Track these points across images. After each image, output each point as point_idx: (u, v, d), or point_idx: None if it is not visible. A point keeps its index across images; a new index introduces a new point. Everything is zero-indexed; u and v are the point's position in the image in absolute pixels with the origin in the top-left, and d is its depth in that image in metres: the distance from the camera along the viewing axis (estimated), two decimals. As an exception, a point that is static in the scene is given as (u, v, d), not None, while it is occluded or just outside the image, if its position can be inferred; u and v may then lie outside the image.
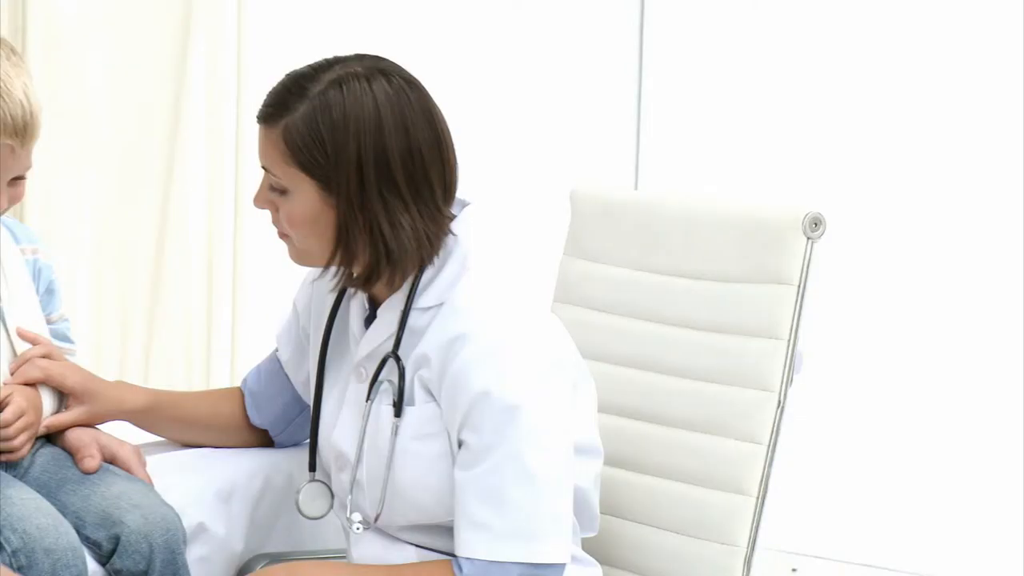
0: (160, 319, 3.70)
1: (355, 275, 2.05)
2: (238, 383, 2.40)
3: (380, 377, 2.08)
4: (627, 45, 4.17)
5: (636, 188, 4.21)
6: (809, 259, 2.25)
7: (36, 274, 2.23)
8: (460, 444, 2.02)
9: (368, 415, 2.09)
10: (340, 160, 1.97)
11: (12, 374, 2.16)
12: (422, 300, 2.05)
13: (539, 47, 4.12)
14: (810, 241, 2.25)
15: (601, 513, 2.24)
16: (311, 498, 2.22)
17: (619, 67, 4.19)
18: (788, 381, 2.25)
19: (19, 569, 1.95)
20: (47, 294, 2.25)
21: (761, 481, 2.24)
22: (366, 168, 1.97)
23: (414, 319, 2.06)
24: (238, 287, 3.71)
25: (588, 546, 2.22)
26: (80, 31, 3.55)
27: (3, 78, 2.01)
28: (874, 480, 3.88)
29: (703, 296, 2.33)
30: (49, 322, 2.26)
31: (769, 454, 2.24)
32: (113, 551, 2.10)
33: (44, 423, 2.18)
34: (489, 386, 1.97)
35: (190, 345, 3.71)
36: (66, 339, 2.29)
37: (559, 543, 2.00)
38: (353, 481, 2.12)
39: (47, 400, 2.18)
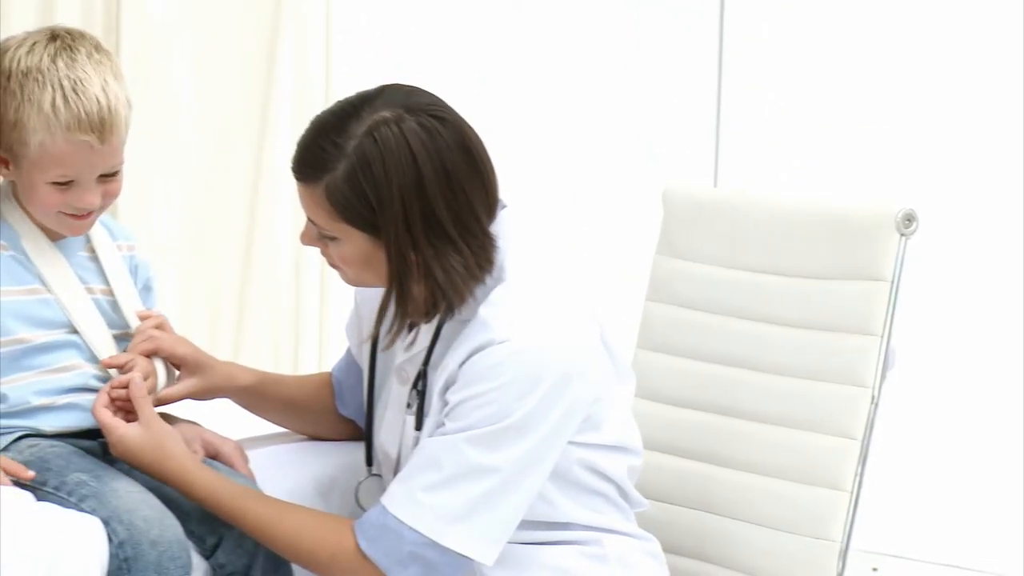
0: (248, 317, 3.73)
1: (413, 309, 2.05)
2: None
3: (416, 387, 2.12)
4: (707, 43, 4.18)
5: (715, 186, 4.21)
6: (903, 256, 2.26)
7: (133, 271, 2.26)
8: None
9: (404, 422, 2.14)
10: (386, 215, 1.98)
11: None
12: (459, 313, 2.06)
13: (620, 47, 4.13)
14: (903, 238, 2.26)
15: (696, 509, 2.27)
16: (370, 493, 2.24)
17: (699, 65, 4.19)
18: (882, 377, 2.27)
19: (125, 560, 1.97)
20: (144, 291, 2.28)
21: (855, 476, 2.26)
22: (412, 220, 1.98)
23: (448, 330, 2.08)
24: (326, 286, 3.74)
25: (687, 543, 2.24)
26: (169, 32, 3.59)
27: (80, 76, 2.04)
28: (961, 479, 3.86)
29: (796, 293, 2.35)
30: None
31: (863, 449, 2.26)
32: (217, 546, 2.12)
33: (157, 395, 2.19)
34: (483, 393, 1.99)
35: (278, 342, 3.74)
36: None
37: (472, 539, 2.01)
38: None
39: (160, 372, 2.21)
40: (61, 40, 2.07)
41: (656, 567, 2.18)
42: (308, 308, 3.72)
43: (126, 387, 2.11)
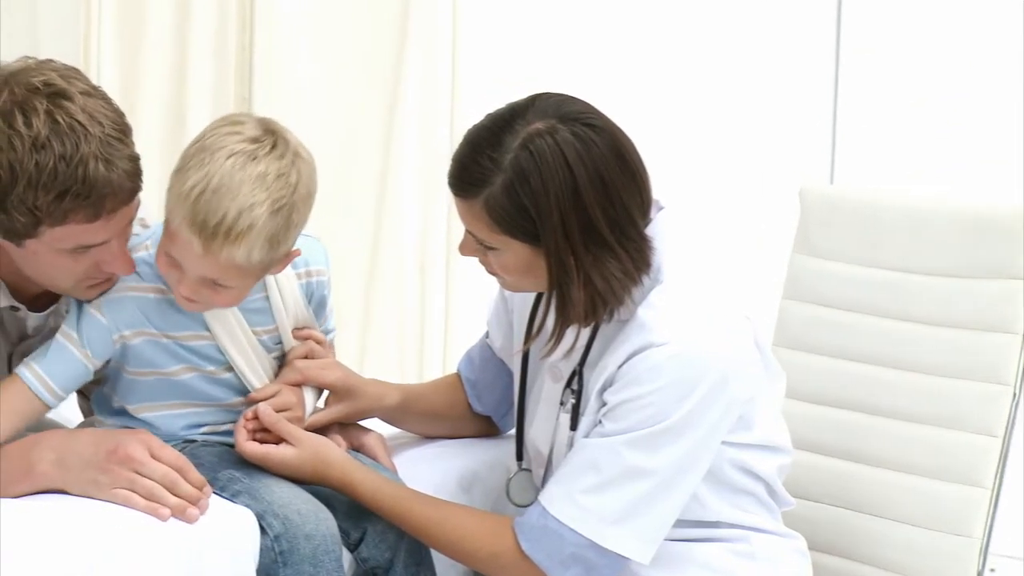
0: (373, 318, 3.76)
1: (573, 315, 2.06)
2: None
3: (570, 386, 2.14)
4: (823, 42, 4.16)
5: (831, 183, 4.19)
6: (1043, 254, 2.27)
7: (309, 296, 2.24)
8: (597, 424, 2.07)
9: (557, 420, 2.16)
10: (545, 225, 2.00)
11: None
12: (617, 314, 2.08)
13: (738, 45, 4.13)
14: (1043, 237, 2.28)
15: (835, 506, 2.30)
16: (521, 488, 2.27)
17: (815, 62, 4.18)
18: (1023, 375, 2.27)
19: (280, 554, 2.00)
20: (318, 308, 2.27)
21: (996, 473, 2.27)
22: (570, 229, 2.00)
23: (606, 330, 2.10)
24: (451, 287, 3.76)
25: (830, 540, 2.28)
26: (298, 31, 3.62)
27: (232, 184, 1.96)
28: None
29: (935, 292, 2.36)
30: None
31: (1004, 447, 2.28)
32: (361, 540, 2.15)
33: (306, 421, 2.21)
34: (642, 396, 2.01)
35: (403, 344, 3.76)
36: None
37: (632, 540, 2.04)
38: (546, 478, 2.19)
39: (309, 399, 2.23)
40: (259, 146, 1.99)
41: (803, 564, 2.20)
42: (433, 309, 3.74)
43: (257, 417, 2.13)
